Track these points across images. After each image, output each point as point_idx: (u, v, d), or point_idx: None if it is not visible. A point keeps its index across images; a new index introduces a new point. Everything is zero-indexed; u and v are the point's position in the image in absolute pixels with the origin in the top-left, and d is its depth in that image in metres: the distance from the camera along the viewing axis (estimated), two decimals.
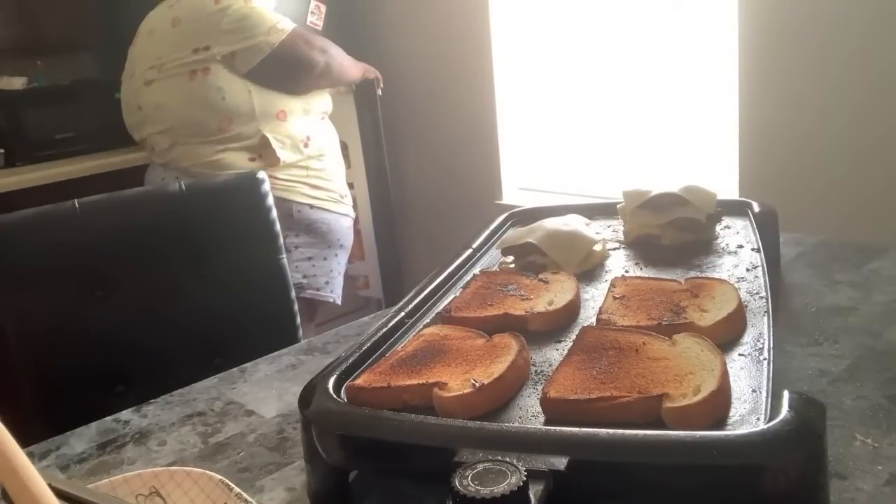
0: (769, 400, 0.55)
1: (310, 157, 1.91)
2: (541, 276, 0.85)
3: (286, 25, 1.81)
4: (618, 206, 1.03)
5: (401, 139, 3.05)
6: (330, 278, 1.98)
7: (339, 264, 2.01)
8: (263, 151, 1.84)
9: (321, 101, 1.99)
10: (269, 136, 1.82)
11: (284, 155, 1.85)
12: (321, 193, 1.93)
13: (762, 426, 0.51)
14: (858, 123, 1.82)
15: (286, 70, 1.84)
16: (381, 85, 2.35)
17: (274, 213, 1.37)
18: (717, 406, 0.55)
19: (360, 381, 0.64)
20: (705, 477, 0.49)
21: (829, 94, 1.85)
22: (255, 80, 1.81)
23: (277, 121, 1.85)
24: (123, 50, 1.94)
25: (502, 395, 0.62)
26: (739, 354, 0.65)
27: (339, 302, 2.01)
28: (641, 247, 0.97)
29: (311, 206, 1.90)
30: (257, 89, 1.82)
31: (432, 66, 2.83)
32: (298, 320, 1.40)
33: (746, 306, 0.73)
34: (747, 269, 0.84)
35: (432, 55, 2.82)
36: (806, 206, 1.83)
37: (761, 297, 0.75)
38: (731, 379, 0.59)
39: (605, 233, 1.02)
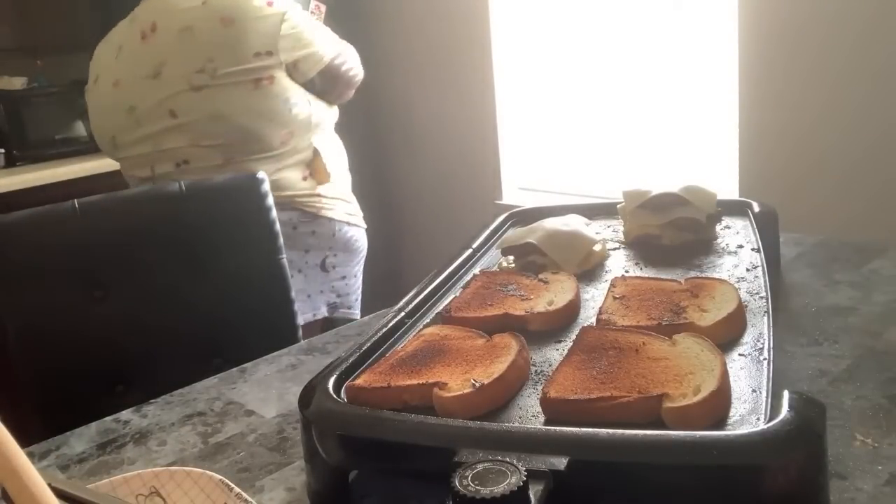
0: (769, 400, 0.55)
1: (346, 170, 1.86)
2: (541, 276, 0.85)
3: (332, 45, 1.76)
4: (618, 206, 1.03)
5: (401, 139, 3.05)
6: (358, 295, 1.89)
7: (361, 280, 1.94)
8: (313, 167, 1.74)
9: (336, 111, 1.93)
10: (316, 148, 1.73)
11: (331, 172, 1.77)
12: (352, 209, 1.87)
13: (762, 426, 0.51)
14: (858, 123, 1.82)
15: (334, 82, 1.76)
16: None
17: (274, 213, 1.37)
18: (717, 406, 0.55)
19: (360, 381, 0.64)
20: (705, 477, 0.49)
21: (828, 94, 1.85)
22: (310, 90, 1.71)
23: (323, 132, 1.77)
24: None
25: (502, 395, 0.62)
26: (739, 354, 0.65)
27: (358, 317, 1.88)
28: (641, 247, 0.97)
29: (349, 224, 1.83)
30: (314, 100, 1.72)
31: (432, 65, 2.83)
32: (298, 320, 1.40)
33: (746, 306, 0.73)
34: (747, 269, 0.84)
35: (432, 55, 2.82)
36: (806, 206, 1.83)
37: (761, 297, 0.75)
38: (731, 379, 0.59)
39: (605, 233, 1.02)
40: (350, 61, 1.81)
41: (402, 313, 0.78)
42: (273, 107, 1.62)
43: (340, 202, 1.81)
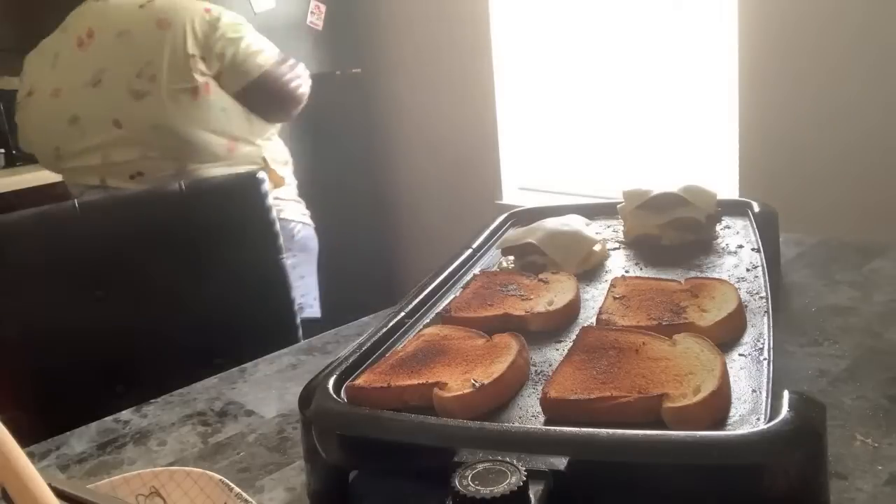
0: (769, 400, 0.55)
1: (291, 173, 1.85)
2: (541, 276, 0.85)
3: (271, 54, 1.67)
4: (618, 206, 1.03)
5: (401, 139, 3.05)
6: (316, 294, 1.89)
7: (316, 278, 1.93)
8: (267, 173, 1.72)
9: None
10: (266, 156, 1.72)
11: (282, 175, 1.77)
12: (304, 209, 1.87)
13: (762, 426, 0.51)
14: (858, 124, 1.82)
15: (270, 99, 1.68)
16: None
17: (274, 213, 1.37)
18: (717, 406, 0.55)
19: (360, 381, 0.64)
20: (705, 477, 0.49)
21: (829, 94, 1.85)
22: (242, 103, 1.66)
23: (269, 141, 1.76)
24: None
25: (502, 395, 0.62)
26: (739, 354, 0.65)
27: (319, 315, 1.89)
28: (641, 247, 0.97)
29: (304, 224, 1.84)
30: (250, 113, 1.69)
31: (432, 65, 2.83)
32: (298, 320, 1.40)
33: (746, 306, 0.73)
34: (747, 269, 0.84)
35: (432, 55, 2.82)
36: (806, 206, 1.83)
37: (761, 297, 0.75)
38: (731, 379, 0.59)
39: (605, 233, 1.02)
40: (296, 77, 1.71)
41: (402, 313, 0.78)
42: (212, 117, 1.61)
43: (294, 203, 1.82)
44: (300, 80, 1.70)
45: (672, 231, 0.96)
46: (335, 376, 0.64)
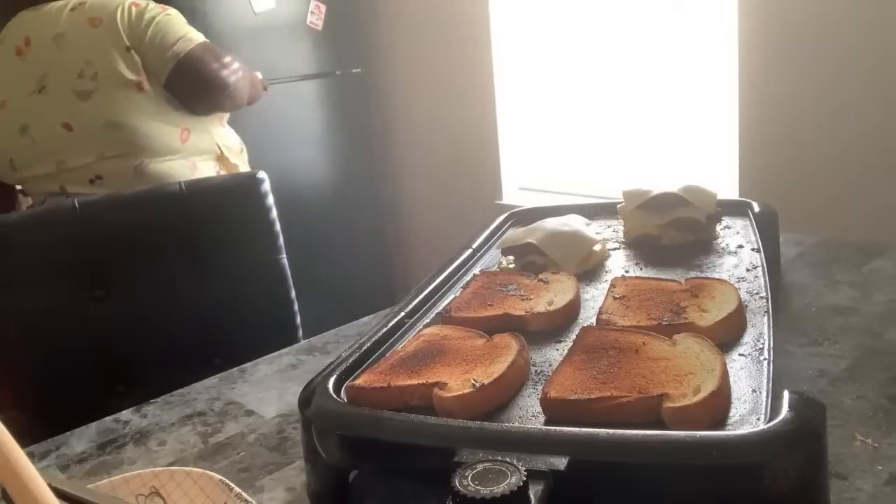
0: (769, 400, 0.55)
1: (245, 162, 1.81)
2: (541, 276, 0.85)
3: (197, 37, 1.64)
4: (618, 206, 1.03)
5: (401, 139, 3.05)
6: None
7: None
8: (222, 163, 1.71)
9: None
10: (220, 143, 1.70)
11: (237, 164, 1.73)
12: None
13: (762, 426, 0.51)
14: (859, 123, 1.82)
15: (192, 85, 1.63)
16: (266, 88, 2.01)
17: (274, 213, 1.37)
18: (717, 406, 0.55)
19: (360, 381, 0.64)
20: (705, 477, 0.49)
21: (829, 94, 1.85)
22: (171, 93, 1.63)
23: (220, 126, 1.73)
24: None
25: (502, 395, 0.62)
26: (739, 354, 0.65)
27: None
28: (641, 247, 0.97)
29: None
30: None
31: (432, 66, 2.83)
32: (298, 320, 1.40)
33: (746, 306, 0.73)
34: (747, 269, 0.84)
35: (432, 55, 2.82)
36: (806, 207, 1.83)
37: (761, 297, 0.75)
38: (731, 379, 0.59)
39: (605, 233, 1.02)
40: (223, 67, 1.65)
41: (402, 313, 0.78)
42: (161, 107, 1.61)
43: None
44: (228, 70, 1.65)
45: (672, 231, 0.96)
46: (335, 376, 0.64)
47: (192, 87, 1.63)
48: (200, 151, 1.66)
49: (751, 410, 0.55)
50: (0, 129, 1.64)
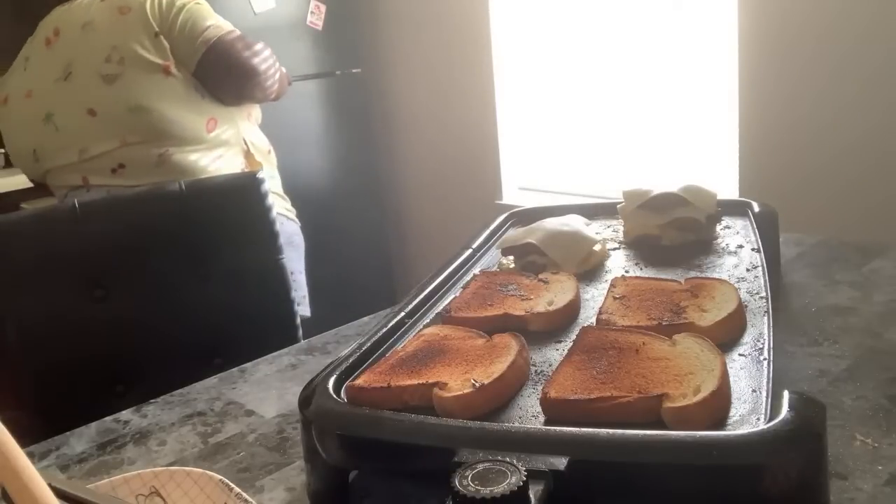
0: (769, 400, 0.55)
1: (274, 165, 1.81)
2: (541, 276, 0.85)
3: (228, 25, 1.65)
4: (618, 206, 1.03)
5: (401, 139, 3.05)
6: (305, 292, 1.82)
7: (304, 275, 1.87)
8: (249, 160, 1.70)
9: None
10: (247, 139, 1.70)
11: (263, 163, 1.73)
12: (289, 205, 1.84)
13: (762, 426, 0.51)
14: (858, 123, 1.82)
15: (223, 72, 1.63)
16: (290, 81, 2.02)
17: (274, 213, 1.37)
18: (717, 406, 0.55)
19: (360, 381, 0.64)
20: (705, 477, 0.49)
21: (829, 94, 1.85)
22: (203, 82, 1.63)
23: (248, 122, 1.73)
24: None
25: (502, 395, 0.62)
26: (739, 354, 0.65)
27: (309, 314, 1.81)
28: (641, 247, 0.97)
29: (288, 218, 1.78)
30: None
31: (432, 65, 2.84)
32: (298, 320, 1.40)
33: (746, 306, 0.73)
34: (747, 269, 0.84)
35: (432, 55, 2.82)
36: (806, 206, 1.84)
37: (761, 297, 0.75)
38: (731, 379, 0.59)
39: (605, 233, 1.02)
40: (254, 55, 1.65)
41: (402, 313, 0.78)
42: (188, 94, 1.60)
43: (279, 198, 1.78)
44: (259, 58, 1.65)
45: (672, 231, 0.96)
46: (335, 376, 0.64)
47: (223, 73, 1.62)
48: (226, 143, 1.66)
49: (751, 410, 0.55)
50: (25, 120, 1.64)
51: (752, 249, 0.90)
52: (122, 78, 1.57)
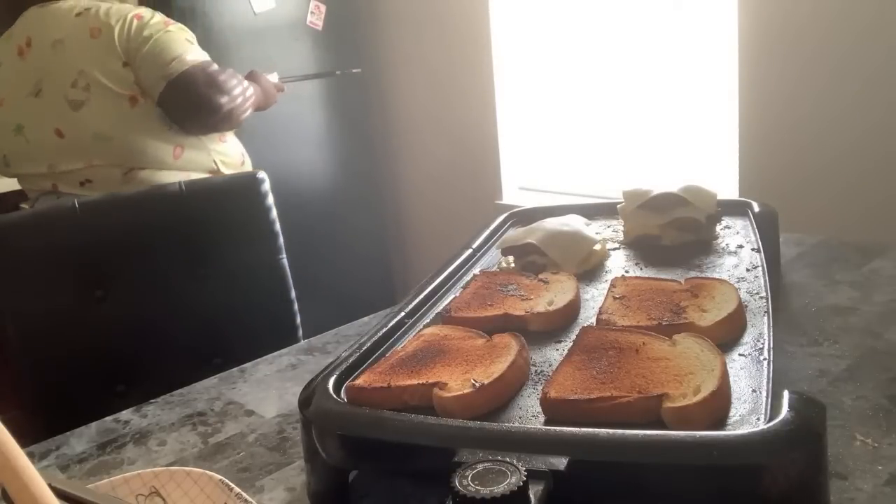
0: (769, 400, 0.55)
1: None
2: (541, 276, 0.85)
3: (194, 58, 1.58)
4: (618, 206, 1.03)
5: (401, 139, 3.05)
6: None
7: None
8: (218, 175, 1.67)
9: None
10: (219, 160, 1.66)
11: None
12: None
13: (762, 426, 0.51)
14: (858, 123, 1.82)
15: (183, 107, 1.59)
16: (283, 87, 2.00)
17: (274, 213, 1.37)
18: (717, 406, 0.55)
19: (360, 381, 0.64)
20: (705, 477, 0.49)
21: (829, 94, 1.85)
22: (166, 113, 1.59)
23: (220, 142, 1.69)
24: None
25: (502, 395, 0.62)
26: (739, 354, 0.65)
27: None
28: (641, 247, 0.97)
29: None
30: None
31: (432, 65, 2.83)
32: (298, 320, 1.40)
33: (746, 306, 0.73)
34: (747, 269, 0.84)
35: (432, 55, 2.82)
36: (806, 206, 1.83)
37: (761, 297, 0.75)
38: (731, 379, 0.59)
39: (605, 233, 1.02)
40: (222, 91, 1.58)
41: (402, 313, 0.78)
42: (154, 123, 1.58)
43: None
44: (224, 95, 1.58)
45: (672, 231, 0.96)
46: (335, 376, 0.64)
47: (183, 109, 1.59)
48: (195, 167, 1.64)
49: (751, 410, 0.55)
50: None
51: (752, 249, 0.90)
52: (88, 105, 1.56)
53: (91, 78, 1.56)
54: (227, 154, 1.70)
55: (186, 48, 1.59)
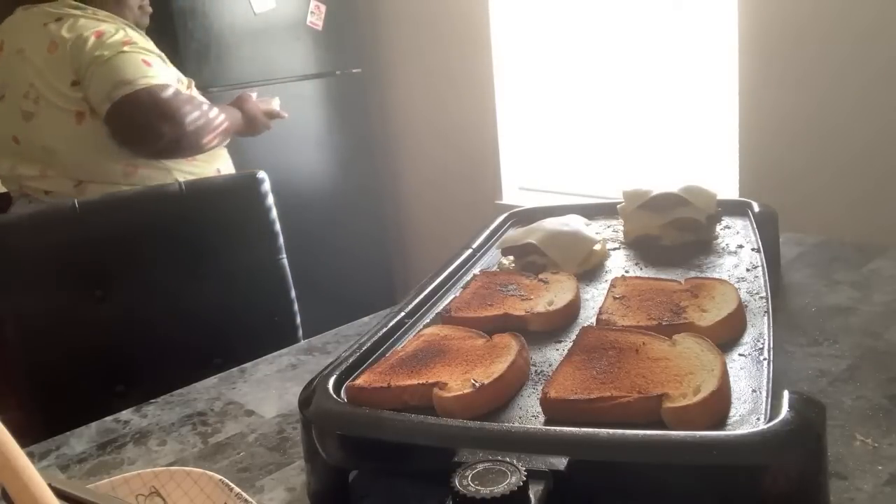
0: (769, 400, 0.55)
1: None
2: (541, 276, 0.85)
3: (147, 82, 1.52)
4: (618, 206, 1.03)
5: (401, 139, 3.05)
6: None
7: None
8: None
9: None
10: (181, 182, 1.49)
11: None
12: None
13: (762, 426, 0.51)
14: (858, 124, 1.82)
15: (123, 133, 1.55)
16: (284, 115, 1.90)
17: (274, 213, 1.37)
18: (717, 406, 0.55)
19: (360, 381, 0.64)
20: (705, 477, 0.49)
21: (828, 94, 1.85)
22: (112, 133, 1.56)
23: (189, 164, 1.64)
24: None
25: (502, 395, 0.62)
26: (739, 354, 0.65)
27: None
28: (641, 247, 0.97)
29: None
30: None
31: (432, 66, 2.83)
32: (298, 320, 1.40)
33: (746, 306, 0.73)
34: (747, 269, 0.84)
35: (432, 55, 2.82)
36: (806, 206, 1.83)
37: (761, 297, 0.75)
38: (731, 379, 0.59)
39: (605, 233, 1.02)
40: (173, 119, 1.52)
41: (402, 313, 0.78)
42: (103, 142, 1.56)
43: None
44: (172, 123, 1.53)
45: (672, 231, 0.96)
46: (335, 376, 0.64)
47: (124, 133, 1.56)
48: (152, 182, 1.59)
49: (751, 410, 0.55)
50: None
51: (752, 249, 0.90)
52: (37, 118, 1.56)
53: (40, 91, 1.56)
54: (197, 175, 1.65)
55: (140, 71, 1.53)
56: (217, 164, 1.70)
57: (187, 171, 1.64)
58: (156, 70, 1.56)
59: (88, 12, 1.61)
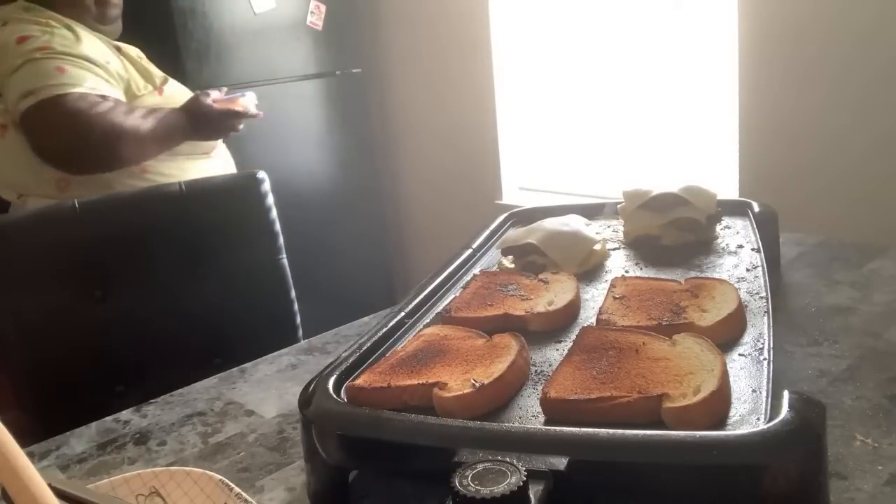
0: (769, 400, 0.55)
1: None
2: (541, 276, 0.85)
3: (60, 90, 1.39)
4: (618, 206, 1.03)
5: (401, 139, 3.05)
6: None
7: None
8: None
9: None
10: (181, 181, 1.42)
11: None
12: None
13: (762, 426, 0.51)
14: (858, 123, 1.82)
15: (34, 144, 1.43)
16: (256, 114, 1.68)
17: (274, 213, 1.37)
18: (717, 406, 0.55)
19: (360, 381, 0.64)
20: (705, 477, 0.49)
21: (828, 94, 1.85)
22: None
23: (140, 177, 1.50)
24: None
25: (502, 395, 0.62)
26: (739, 354, 0.65)
27: None
28: (641, 247, 0.97)
29: None
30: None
31: (432, 65, 2.83)
32: (298, 320, 1.40)
33: (746, 306, 0.73)
34: (747, 269, 0.84)
35: (432, 55, 2.82)
36: (806, 206, 1.83)
37: (761, 297, 0.75)
38: (731, 379, 0.59)
39: (605, 233, 1.02)
40: (87, 130, 1.39)
41: (402, 313, 0.78)
42: (23, 155, 1.45)
43: None
44: (79, 136, 1.40)
45: (672, 231, 0.96)
46: (335, 376, 0.64)
47: (33, 147, 1.44)
48: (89, 199, 1.47)
49: (751, 410, 0.55)
50: None
51: (752, 249, 0.90)
52: None
53: None
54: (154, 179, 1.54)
55: (49, 79, 1.40)
56: (184, 175, 1.53)
57: (129, 184, 1.49)
58: (71, 77, 1.42)
59: (36, 15, 1.50)
